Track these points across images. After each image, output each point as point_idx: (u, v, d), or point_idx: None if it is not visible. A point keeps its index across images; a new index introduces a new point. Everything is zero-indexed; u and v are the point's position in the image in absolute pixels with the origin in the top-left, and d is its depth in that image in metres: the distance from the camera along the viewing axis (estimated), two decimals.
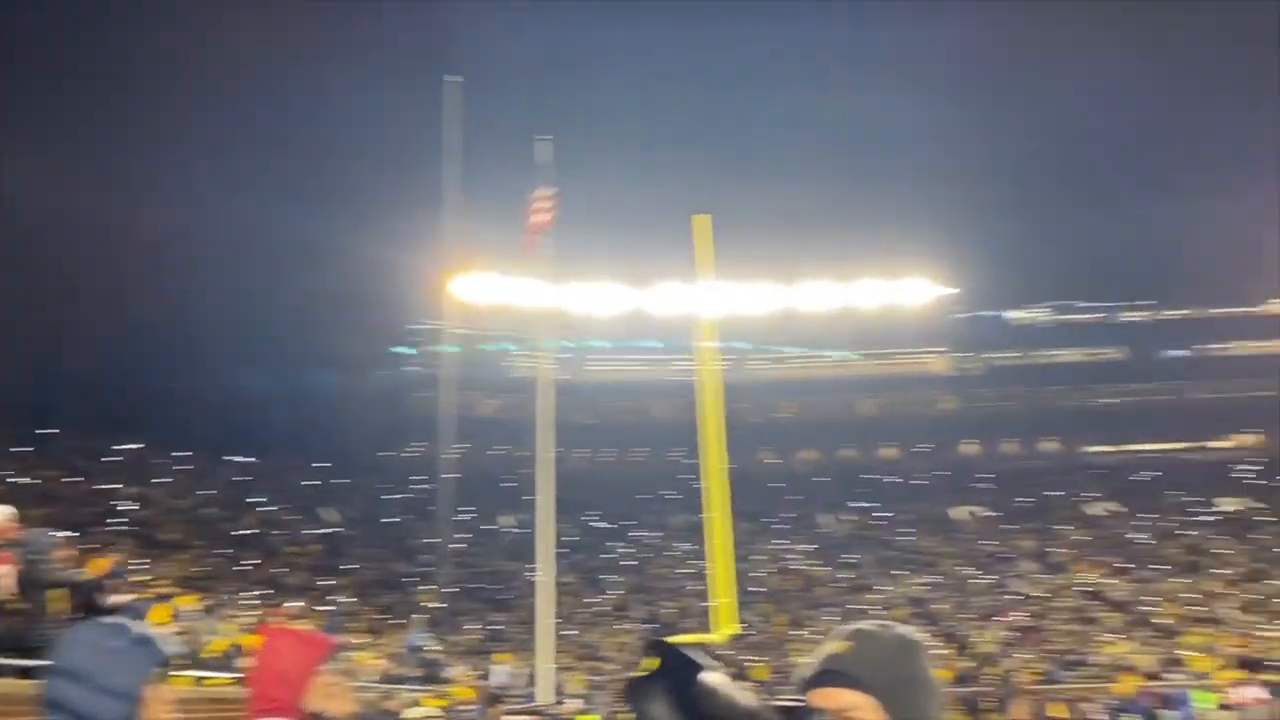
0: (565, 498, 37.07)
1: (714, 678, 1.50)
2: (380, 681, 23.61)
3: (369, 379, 64.00)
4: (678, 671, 1.51)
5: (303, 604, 31.76)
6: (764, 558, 48.65)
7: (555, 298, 47.55)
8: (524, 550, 36.11)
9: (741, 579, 43.92)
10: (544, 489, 24.39)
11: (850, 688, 1.54)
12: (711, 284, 31.01)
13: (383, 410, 60.91)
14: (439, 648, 32.59)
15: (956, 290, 65.88)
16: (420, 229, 44.33)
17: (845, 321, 64.61)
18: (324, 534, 47.65)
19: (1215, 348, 67.55)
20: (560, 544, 29.87)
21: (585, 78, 69.65)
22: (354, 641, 30.53)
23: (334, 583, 41.44)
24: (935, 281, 65.58)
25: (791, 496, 58.03)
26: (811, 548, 51.08)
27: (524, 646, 32.10)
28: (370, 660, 27.92)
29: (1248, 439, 64.95)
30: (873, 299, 65.06)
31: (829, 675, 1.57)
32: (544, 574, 24.50)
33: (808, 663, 1.63)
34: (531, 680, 27.81)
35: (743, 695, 1.47)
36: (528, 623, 30.41)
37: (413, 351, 65.08)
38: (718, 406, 26.97)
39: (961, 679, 35.73)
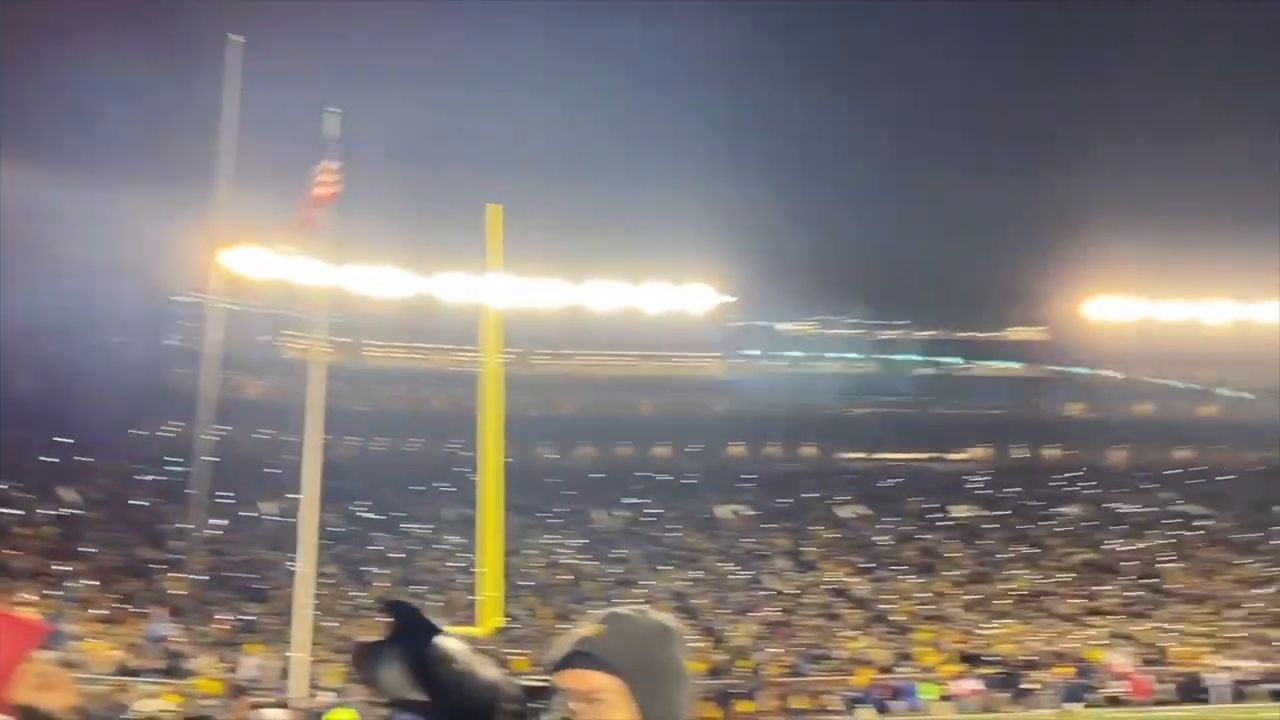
0: (333, 486, 35.95)
1: (453, 643, 1.39)
2: (115, 673, 22.14)
3: (124, 351, 59.46)
4: (413, 635, 1.39)
5: (35, 589, 29.29)
6: (535, 552, 48.99)
7: (335, 278, 46.01)
8: (285, 539, 34.73)
9: (511, 573, 44.00)
10: (310, 476, 23.55)
11: (599, 670, 1.53)
12: (500, 276, 30.94)
13: (137, 385, 56.78)
14: (184, 638, 30.86)
15: (734, 299, 68.58)
16: (192, 196, 41.70)
17: (629, 322, 65.94)
18: (61, 515, 43.99)
19: (960, 367, 73.67)
20: (324, 534, 28.95)
21: (381, 56, 67.77)
22: (83, 630, 28.46)
23: (70, 567, 38.41)
24: (716, 289, 68.04)
25: (567, 492, 58.68)
26: (582, 543, 51.86)
27: (279, 639, 30.90)
28: (106, 650, 26.11)
29: (980, 452, 71.35)
30: (657, 303, 66.78)
31: (578, 657, 1.56)
32: (305, 564, 23.68)
33: (560, 644, 1.62)
34: (284, 673, 26.83)
35: (484, 666, 1.39)
36: (284, 614, 29.31)
37: (176, 324, 61.05)
38: (498, 400, 26.94)
39: (715, 671, 37.37)
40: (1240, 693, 36.25)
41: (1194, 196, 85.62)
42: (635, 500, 58.62)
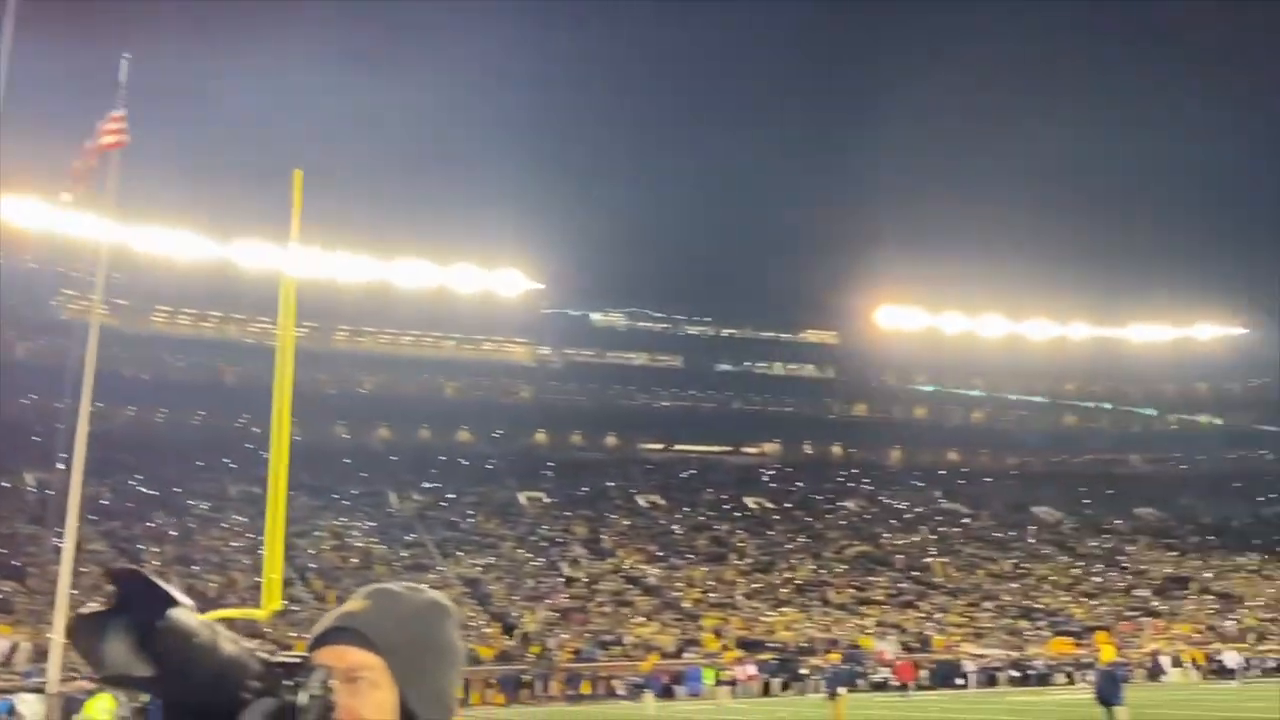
0: (105, 457, 33.69)
1: (189, 616, 1.21)
2: None
3: None
4: (143, 606, 1.20)
5: None
6: (325, 534, 47.53)
7: (120, 236, 42.88)
8: (50, 513, 32.29)
9: (299, 554, 42.65)
10: (79, 445, 21.98)
11: (360, 646, 1.45)
12: (302, 246, 29.75)
13: None
14: None
15: (544, 286, 68.61)
16: None
17: (436, 303, 64.75)
18: None
19: (759, 366, 76.52)
20: (94, 509, 27.10)
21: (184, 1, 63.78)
22: None
23: None
24: (527, 275, 67.85)
25: (363, 473, 57.22)
26: (375, 525, 50.73)
27: (39, 619, 28.74)
28: None
29: (771, 447, 74.51)
30: (466, 285, 65.85)
31: (338, 633, 1.48)
32: (69, 540, 22.11)
33: (323, 620, 1.52)
34: (41, 654, 24.99)
35: (226, 642, 1.25)
36: (45, 593, 27.29)
37: None
38: (292, 374, 25.93)
39: (505, 657, 37.51)
40: (992, 678, 39.47)
41: (975, 218, 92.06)
42: (433, 484, 57.80)
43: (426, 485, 57.42)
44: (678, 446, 71.81)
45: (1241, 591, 55.13)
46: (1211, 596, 54.16)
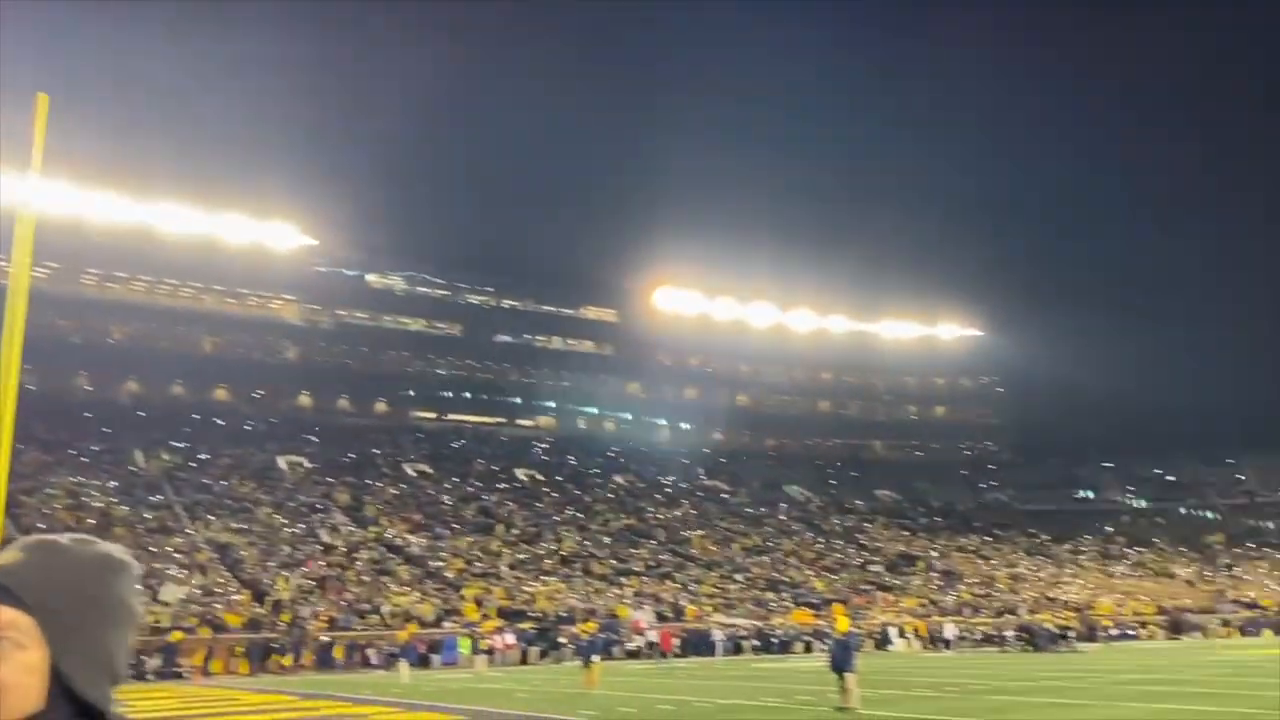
0: None
1: None
2: None
3: None
4: None
5: None
6: (58, 491, 43.98)
7: None
8: None
9: (27, 512, 39.28)
10: None
11: (8, 603, 1.32)
12: (46, 179, 27.34)
13: None
14: None
15: (318, 242, 65.88)
16: None
17: (199, 252, 60.84)
18: None
19: (538, 339, 76.78)
20: None
21: None
22: None
23: None
24: (302, 230, 64.87)
25: (105, 428, 53.28)
26: (117, 485, 47.40)
27: None
28: None
29: (546, 420, 75.19)
30: (235, 235, 62.20)
31: None
32: None
33: None
34: None
35: None
36: None
37: None
38: (24, 316, 23.87)
39: (254, 625, 36.12)
40: (738, 646, 41.65)
41: (752, 210, 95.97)
42: (184, 444, 54.56)
43: (176, 444, 54.09)
44: (451, 416, 71.12)
45: (962, 570, 60.77)
46: (936, 574, 59.39)
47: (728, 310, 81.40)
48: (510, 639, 37.54)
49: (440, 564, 46.45)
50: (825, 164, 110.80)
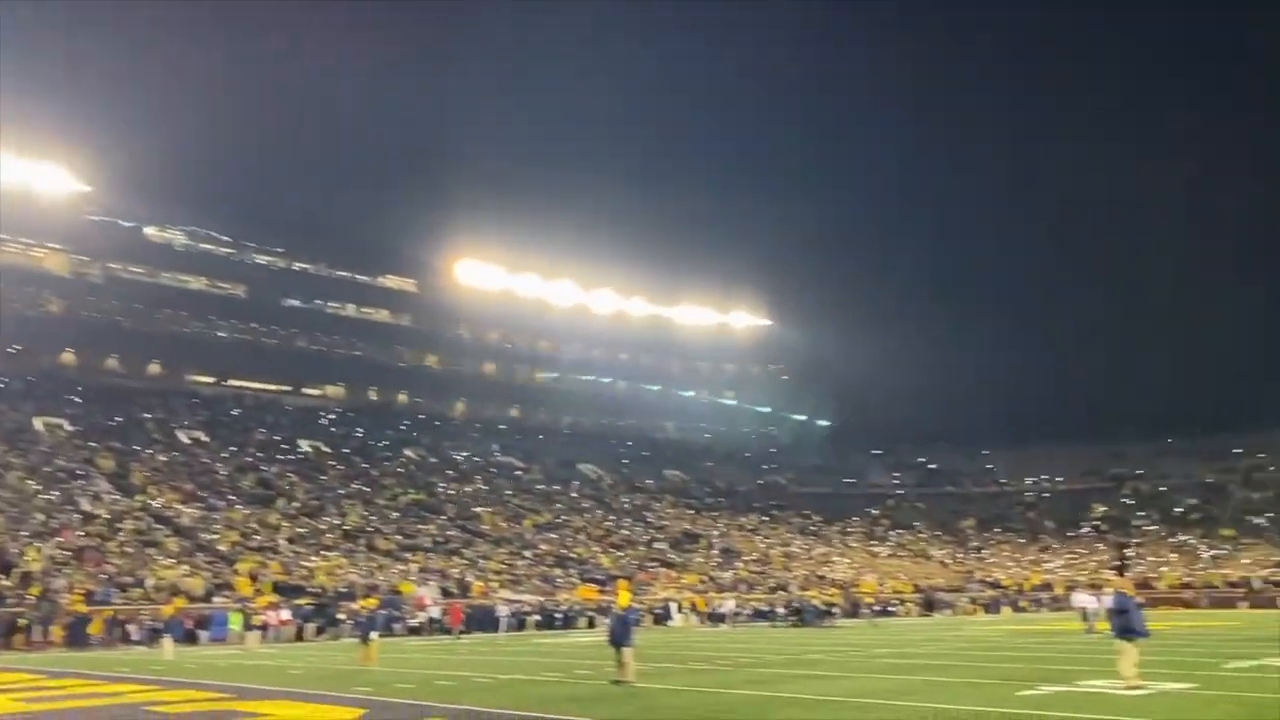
0: None
1: None
2: None
3: None
4: None
5: None
6: None
7: None
8: None
9: None
10: None
11: None
12: None
13: None
14: None
15: (92, 189, 60.98)
16: None
17: None
18: None
19: (330, 305, 74.10)
20: None
21: None
22: None
23: None
24: (73, 174, 59.77)
25: None
26: None
27: None
28: None
29: (334, 390, 72.77)
30: None
31: None
32: None
33: None
34: None
35: None
36: None
37: None
38: None
39: None
40: (522, 622, 41.90)
41: (559, 188, 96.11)
42: None
43: None
44: (231, 381, 67.72)
45: (740, 548, 63.43)
46: (716, 551, 61.72)
47: (530, 287, 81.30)
48: (285, 615, 36.30)
49: (213, 537, 44.28)
50: (632, 147, 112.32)
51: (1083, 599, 35.18)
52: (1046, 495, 79.03)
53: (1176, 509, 70.93)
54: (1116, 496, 75.52)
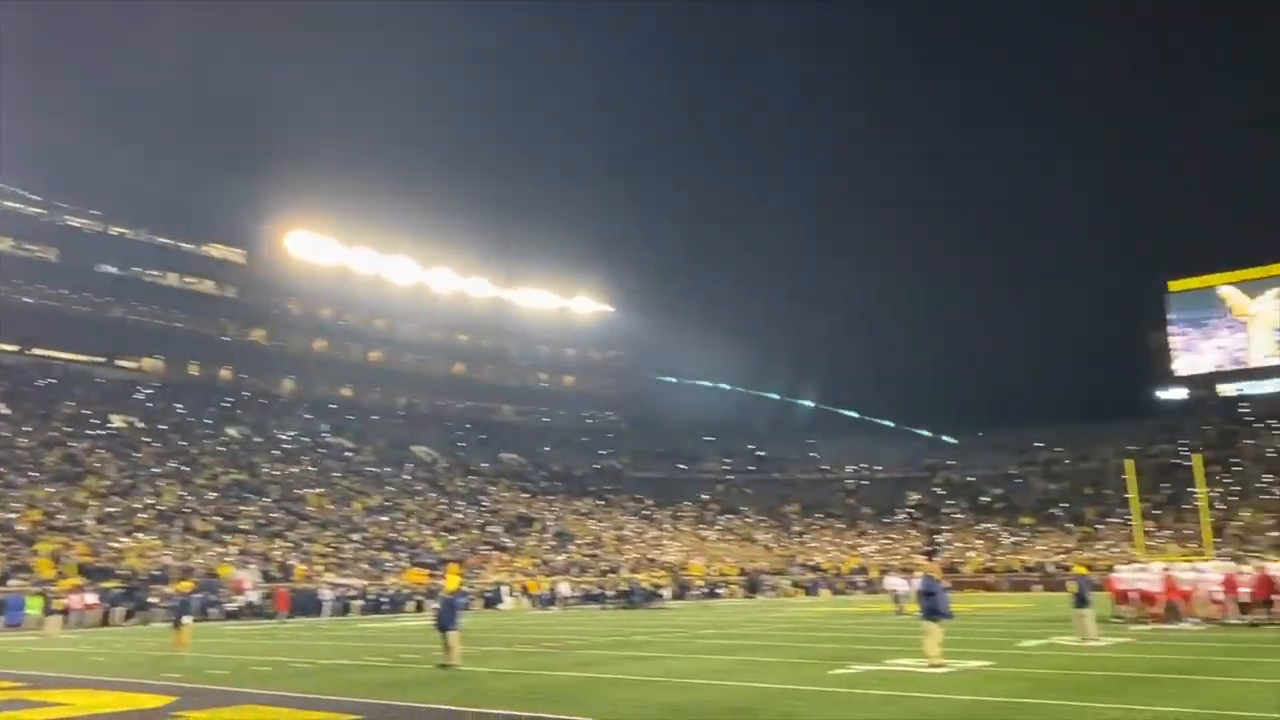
0: None
1: None
2: None
3: None
4: None
5: None
6: None
7: None
8: None
9: None
10: None
11: None
12: None
13: None
14: None
15: None
16: None
17: None
18: None
19: (150, 273, 69.97)
20: None
21: None
22: None
23: None
24: None
25: None
26: None
27: None
28: None
29: (151, 363, 68.83)
30: None
31: None
32: None
33: None
34: None
35: None
36: None
37: None
38: None
39: None
40: (346, 606, 40.93)
41: (400, 162, 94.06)
42: None
43: None
44: (37, 350, 63.13)
45: (575, 531, 63.79)
46: (550, 535, 61.87)
47: (366, 263, 79.15)
48: (91, 598, 34.29)
49: (11, 515, 41.32)
50: (473, 125, 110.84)
51: (894, 582, 37.05)
52: (866, 483, 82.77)
53: (983, 498, 75.55)
54: (929, 485, 79.84)
